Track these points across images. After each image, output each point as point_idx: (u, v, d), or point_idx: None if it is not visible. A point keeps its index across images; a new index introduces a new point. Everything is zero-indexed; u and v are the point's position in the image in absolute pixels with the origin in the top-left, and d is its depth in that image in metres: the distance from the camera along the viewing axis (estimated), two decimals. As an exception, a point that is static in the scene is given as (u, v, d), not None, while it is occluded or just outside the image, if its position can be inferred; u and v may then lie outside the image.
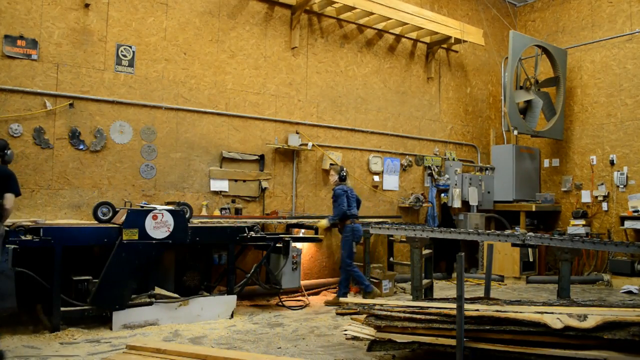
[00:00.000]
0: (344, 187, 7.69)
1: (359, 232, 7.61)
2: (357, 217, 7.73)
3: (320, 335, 5.81)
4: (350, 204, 7.64)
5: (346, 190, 7.65)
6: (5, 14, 6.54)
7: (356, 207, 7.80)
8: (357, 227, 7.60)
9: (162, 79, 7.61)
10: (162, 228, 6.06)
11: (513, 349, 4.22)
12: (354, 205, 7.71)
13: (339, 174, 7.78)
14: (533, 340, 4.18)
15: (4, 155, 5.46)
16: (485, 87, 12.06)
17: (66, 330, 5.56)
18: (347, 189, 7.70)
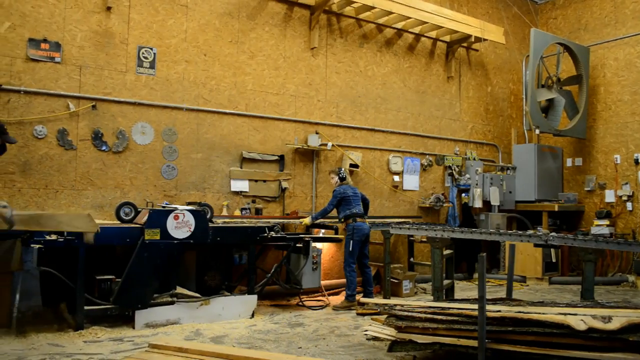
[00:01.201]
0: (344, 188, 7.62)
1: (360, 230, 7.48)
2: (359, 215, 7.61)
3: (341, 336, 5.81)
4: (351, 203, 7.56)
5: (344, 191, 7.58)
6: (29, 18, 6.65)
7: (362, 206, 7.73)
8: (358, 226, 7.49)
9: (183, 80, 7.67)
10: (183, 228, 6.10)
11: (536, 351, 4.17)
12: (355, 204, 7.59)
13: (338, 175, 7.75)
14: (556, 342, 4.12)
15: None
16: (507, 85, 11.94)
17: (90, 329, 5.63)
18: (348, 189, 7.62)
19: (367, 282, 7.62)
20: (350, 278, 7.40)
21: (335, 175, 7.78)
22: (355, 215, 7.52)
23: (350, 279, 7.40)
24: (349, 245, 7.42)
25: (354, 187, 7.81)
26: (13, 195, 6.46)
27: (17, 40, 6.57)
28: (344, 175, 7.74)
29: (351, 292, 7.37)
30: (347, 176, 7.81)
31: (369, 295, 7.57)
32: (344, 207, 7.54)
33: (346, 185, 7.68)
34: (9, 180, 6.43)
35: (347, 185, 7.70)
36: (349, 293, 7.38)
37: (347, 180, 7.78)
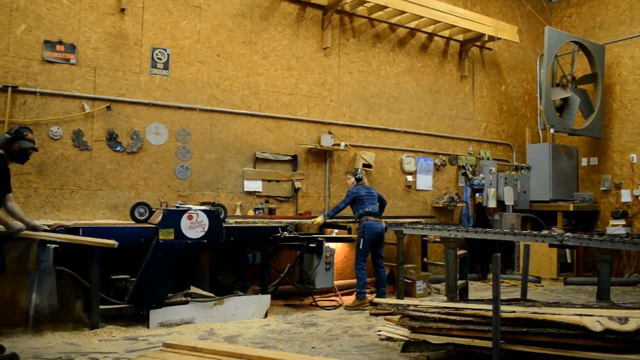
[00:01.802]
0: (358, 187, 7.64)
1: (371, 229, 7.46)
2: (372, 214, 7.59)
3: (354, 336, 5.80)
4: (364, 202, 7.56)
5: (357, 191, 7.58)
6: (44, 20, 6.72)
7: (377, 205, 7.72)
8: (369, 224, 7.48)
9: (196, 81, 7.71)
10: (197, 228, 6.13)
11: (551, 352, 4.13)
12: (369, 204, 7.58)
13: (355, 176, 7.77)
14: (572, 343, 4.08)
15: None
16: (520, 84, 11.86)
17: (105, 328, 5.67)
18: (362, 189, 7.62)
19: (381, 282, 7.61)
20: (360, 276, 7.41)
21: (351, 176, 7.79)
22: (368, 214, 7.51)
23: (360, 276, 7.41)
24: (360, 243, 7.43)
25: (368, 187, 7.81)
26: (29, 196, 6.54)
27: (33, 42, 6.64)
28: (360, 176, 7.75)
29: (361, 289, 7.37)
30: (363, 177, 7.82)
31: (381, 295, 7.56)
32: (357, 206, 7.55)
33: (361, 185, 7.69)
34: (25, 181, 6.50)
35: (362, 185, 7.71)
36: (359, 291, 7.38)
37: (363, 181, 7.79)
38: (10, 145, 4.85)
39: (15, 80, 6.51)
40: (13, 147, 4.86)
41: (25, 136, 4.94)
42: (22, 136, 4.91)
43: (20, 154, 4.95)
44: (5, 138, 4.85)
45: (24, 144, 4.91)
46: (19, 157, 4.98)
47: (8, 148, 4.85)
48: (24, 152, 4.97)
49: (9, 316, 5.60)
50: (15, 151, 4.89)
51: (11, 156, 4.91)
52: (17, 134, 4.88)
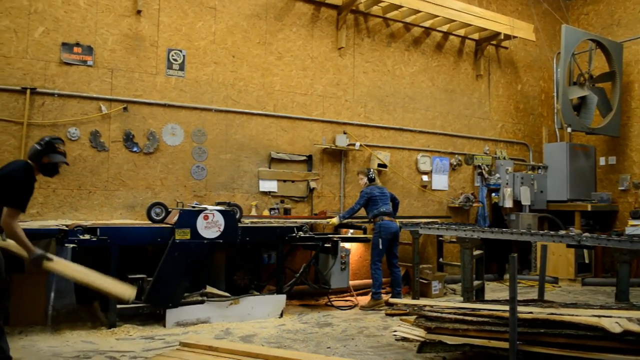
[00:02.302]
0: (371, 188, 7.61)
1: (387, 229, 7.45)
2: (387, 214, 7.58)
3: (370, 336, 5.79)
4: (378, 202, 7.54)
5: (371, 191, 7.55)
6: (62, 22, 6.80)
7: (390, 205, 7.70)
8: (385, 224, 7.46)
9: (212, 82, 7.75)
10: (213, 228, 6.17)
11: (569, 354, 4.09)
12: (383, 204, 7.56)
13: (367, 176, 7.74)
14: (590, 345, 4.04)
15: None
16: (537, 83, 11.75)
17: (122, 327, 5.73)
18: (375, 189, 7.60)
19: (396, 282, 7.59)
20: (375, 276, 7.39)
21: (364, 176, 7.77)
22: (382, 214, 7.49)
23: (375, 276, 7.39)
24: (377, 243, 7.41)
25: (381, 187, 7.79)
26: (48, 196, 6.62)
27: (51, 44, 6.72)
28: (373, 176, 7.73)
29: (377, 289, 7.36)
30: (376, 177, 7.81)
31: (397, 295, 7.54)
32: (371, 207, 7.53)
33: (374, 185, 7.67)
34: (44, 182, 6.58)
35: (375, 185, 7.70)
36: (374, 291, 7.37)
37: (376, 182, 7.78)
38: (40, 157, 4.44)
39: (34, 82, 6.60)
40: (43, 159, 4.45)
41: (56, 149, 4.52)
42: (54, 149, 4.50)
43: (51, 167, 4.54)
44: (35, 150, 4.44)
45: (55, 158, 4.50)
46: (48, 171, 4.55)
47: (38, 160, 4.44)
48: (55, 166, 4.56)
49: (28, 315, 5.69)
50: (45, 164, 4.48)
51: (40, 168, 4.49)
52: (48, 146, 4.46)
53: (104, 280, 4.58)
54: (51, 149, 4.47)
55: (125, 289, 4.58)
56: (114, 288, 4.55)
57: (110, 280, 4.65)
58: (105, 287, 4.51)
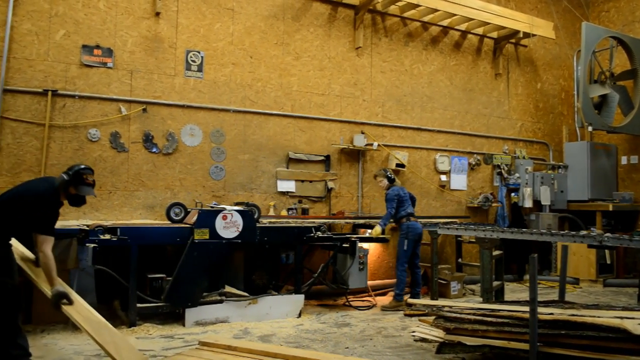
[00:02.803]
0: (396, 189, 7.56)
1: (414, 230, 7.45)
2: (413, 215, 7.57)
3: (388, 336, 5.78)
4: (404, 203, 7.52)
5: (398, 192, 7.51)
6: (82, 25, 6.88)
7: (411, 205, 7.67)
8: (412, 225, 7.45)
9: (230, 83, 7.78)
10: (231, 228, 6.20)
11: (590, 355, 4.05)
12: (408, 204, 7.57)
13: (387, 177, 7.67)
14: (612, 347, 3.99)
15: None
16: (557, 82, 11.62)
17: (142, 326, 5.78)
18: (400, 190, 7.57)
19: (416, 282, 7.57)
20: (400, 277, 7.36)
21: (383, 177, 7.70)
22: (409, 215, 7.48)
23: (400, 278, 7.36)
24: (404, 244, 7.38)
25: (402, 187, 7.77)
26: (69, 197, 6.69)
27: (72, 47, 6.81)
28: (392, 177, 7.70)
29: (400, 291, 7.32)
30: (394, 177, 7.77)
31: (416, 296, 7.52)
32: (399, 208, 7.49)
33: (397, 186, 7.65)
34: (65, 182, 6.66)
35: (398, 186, 7.68)
36: (398, 292, 7.33)
37: (396, 182, 7.74)
38: (67, 188, 4.27)
39: (55, 84, 6.69)
40: (70, 190, 4.28)
41: (84, 180, 4.31)
42: (82, 180, 4.30)
43: (78, 199, 4.37)
44: (63, 180, 4.26)
45: (82, 191, 4.32)
46: (75, 201, 4.40)
47: (65, 190, 4.27)
48: (82, 198, 4.38)
49: (50, 314, 5.75)
50: (72, 195, 4.31)
51: (67, 197, 4.34)
52: (75, 177, 4.27)
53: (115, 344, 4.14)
54: (79, 181, 4.28)
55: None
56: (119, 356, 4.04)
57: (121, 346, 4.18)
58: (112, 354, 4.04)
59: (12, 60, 6.48)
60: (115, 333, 4.19)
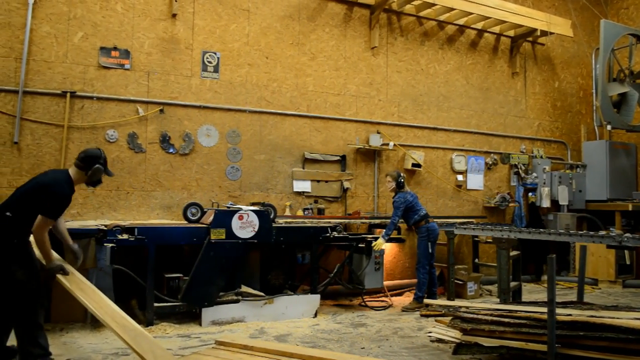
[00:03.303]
0: (403, 195, 7.34)
1: (434, 231, 7.40)
2: (429, 216, 7.52)
3: (404, 337, 5.76)
4: (415, 207, 7.42)
5: (406, 198, 7.32)
6: (100, 27, 6.96)
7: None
8: (432, 227, 7.40)
9: (246, 83, 7.82)
10: (247, 228, 6.22)
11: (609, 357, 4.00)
12: (419, 206, 7.44)
13: (397, 181, 7.38)
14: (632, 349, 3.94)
15: None
16: (575, 80, 11.50)
17: (159, 325, 5.83)
18: (408, 195, 7.35)
19: (432, 282, 7.53)
20: (422, 280, 7.31)
21: (393, 180, 7.42)
22: (426, 216, 7.42)
23: (422, 280, 7.31)
24: (427, 247, 7.31)
25: (410, 192, 7.55)
26: (87, 197, 6.78)
27: (90, 49, 6.89)
28: (402, 182, 7.41)
29: (421, 293, 7.28)
30: (405, 183, 7.49)
31: (432, 296, 7.49)
32: (411, 213, 7.38)
33: (404, 192, 7.42)
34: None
35: (405, 191, 7.46)
36: (419, 294, 7.28)
37: (405, 187, 7.48)
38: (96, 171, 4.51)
39: (74, 85, 6.77)
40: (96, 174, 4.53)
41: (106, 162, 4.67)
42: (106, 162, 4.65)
43: (98, 181, 4.63)
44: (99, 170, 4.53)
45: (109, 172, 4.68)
46: (94, 183, 4.63)
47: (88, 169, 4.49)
48: (99, 181, 4.65)
49: (68, 312, 5.83)
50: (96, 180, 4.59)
51: (90, 180, 4.56)
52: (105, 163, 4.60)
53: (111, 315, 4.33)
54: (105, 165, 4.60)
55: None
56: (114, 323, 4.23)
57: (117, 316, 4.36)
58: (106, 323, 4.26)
59: (31, 63, 6.58)
60: (152, 341, 4.23)
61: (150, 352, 3.96)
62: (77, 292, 4.48)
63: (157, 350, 4.02)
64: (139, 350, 3.96)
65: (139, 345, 4.02)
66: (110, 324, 4.25)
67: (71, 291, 4.47)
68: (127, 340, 4.08)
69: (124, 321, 4.33)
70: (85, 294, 4.51)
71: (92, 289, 4.64)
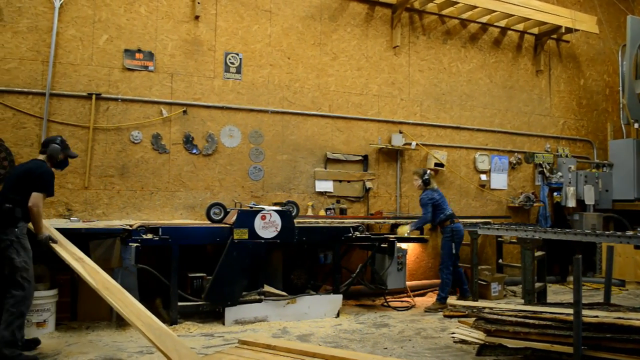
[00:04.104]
0: (430, 193, 7.36)
1: (459, 232, 7.35)
2: (455, 216, 7.48)
3: (427, 337, 5.73)
4: (441, 206, 7.38)
5: (432, 196, 7.32)
6: (124, 30, 7.05)
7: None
8: (457, 227, 7.35)
9: (268, 84, 7.85)
10: (270, 228, 6.25)
11: None
12: (445, 206, 7.41)
13: (422, 178, 7.44)
14: (661, 351, 3.87)
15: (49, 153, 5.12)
16: (601, 77, 11.30)
17: (183, 324, 5.88)
18: (435, 194, 7.36)
19: (461, 280, 7.52)
20: (446, 280, 7.28)
21: (419, 177, 7.50)
22: (451, 217, 7.38)
23: (446, 281, 7.28)
24: (451, 247, 7.27)
25: (437, 189, 7.57)
26: (112, 197, 6.88)
27: (114, 51, 6.98)
28: (428, 179, 7.46)
29: (445, 294, 7.24)
30: (431, 180, 7.57)
31: (465, 293, 7.46)
32: (437, 212, 7.36)
33: (431, 189, 7.43)
34: (109, 183, 6.85)
35: (432, 189, 7.46)
36: (442, 295, 7.24)
37: (432, 185, 7.56)
38: (58, 154, 5.07)
39: (99, 88, 6.87)
40: (59, 156, 5.10)
41: (68, 146, 5.26)
42: (67, 146, 5.22)
43: (64, 162, 5.22)
44: (56, 148, 5.06)
45: (69, 153, 5.25)
46: (62, 165, 5.22)
47: (54, 156, 5.05)
48: (66, 162, 5.26)
49: (94, 311, 5.92)
50: (60, 160, 5.14)
51: (57, 163, 5.12)
52: (63, 144, 5.14)
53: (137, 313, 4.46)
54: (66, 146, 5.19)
55: None
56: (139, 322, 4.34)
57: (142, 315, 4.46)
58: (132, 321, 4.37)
59: (57, 66, 6.69)
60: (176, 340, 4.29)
61: (175, 350, 4.01)
62: (104, 291, 4.60)
63: (181, 349, 4.07)
64: (163, 348, 4.01)
65: (163, 343, 4.08)
66: (135, 322, 4.32)
67: (67, 260, 4.85)
68: (152, 338, 4.14)
69: (149, 320, 4.39)
70: (111, 293, 4.62)
71: (118, 287, 4.74)
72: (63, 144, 5.15)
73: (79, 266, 4.82)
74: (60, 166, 5.23)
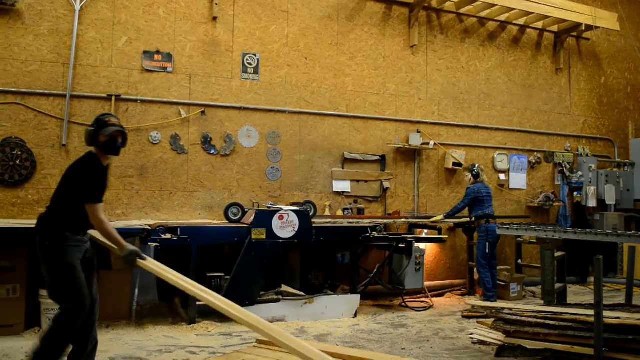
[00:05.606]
0: (478, 187, 7.52)
1: (493, 232, 7.29)
2: (492, 216, 7.45)
3: (445, 338, 5.70)
4: (483, 203, 7.40)
5: (478, 190, 7.44)
6: (143, 32, 7.12)
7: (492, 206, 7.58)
8: (491, 228, 7.31)
9: (285, 84, 7.87)
10: (287, 228, 6.26)
11: (661, 361, 3.88)
12: (488, 204, 7.44)
13: (472, 172, 7.66)
14: (685, 353, 3.81)
15: None
16: (622, 75, 11.14)
17: (201, 323, 5.92)
18: (482, 188, 7.46)
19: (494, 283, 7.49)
20: (485, 279, 7.33)
21: (468, 172, 7.74)
22: (488, 216, 7.38)
23: (485, 279, 7.33)
24: (485, 246, 7.30)
25: (487, 186, 7.64)
26: (132, 197, 6.95)
27: (133, 53, 7.05)
28: (477, 172, 7.59)
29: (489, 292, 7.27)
30: (481, 173, 7.64)
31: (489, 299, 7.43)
32: (477, 207, 7.41)
33: (481, 183, 7.54)
34: (128, 183, 6.92)
35: (482, 183, 7.56)
36: (490, 294, 7.27)
37: (482, 178, 7.62)
38: (96, 138, 4.03)
39: (118, 89, 6.94)
40: (100, 139, 4.02)
41: (107, 122, 4.07)
42: (105, 123, 4.06)
43: (110, 143, 4.05)
44: (89, 132, 4.07)
45: (109, 130, 4.03)
46: (110, 148, 4.07)
47: (96, 142, 4.04)
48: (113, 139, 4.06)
49: (114, 310, 5.99)
50: (104, 143, 4.03)
51: (103, 149, 4.05)
52: (98, 123, 4.07)
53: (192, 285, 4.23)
54: (103, 124, 4.06)
55: None
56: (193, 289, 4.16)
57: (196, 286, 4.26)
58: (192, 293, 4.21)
59: (78, 67, 6.78)
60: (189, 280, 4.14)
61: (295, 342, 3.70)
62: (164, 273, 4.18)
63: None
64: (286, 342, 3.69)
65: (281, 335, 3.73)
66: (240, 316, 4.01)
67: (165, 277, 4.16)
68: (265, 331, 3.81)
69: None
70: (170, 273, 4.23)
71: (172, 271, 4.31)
72: (99, 123, 4.07)
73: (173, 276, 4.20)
74: (111, 150, 4.08)
